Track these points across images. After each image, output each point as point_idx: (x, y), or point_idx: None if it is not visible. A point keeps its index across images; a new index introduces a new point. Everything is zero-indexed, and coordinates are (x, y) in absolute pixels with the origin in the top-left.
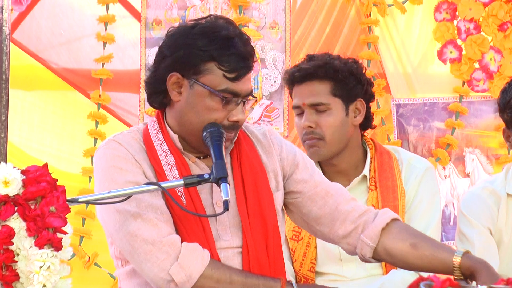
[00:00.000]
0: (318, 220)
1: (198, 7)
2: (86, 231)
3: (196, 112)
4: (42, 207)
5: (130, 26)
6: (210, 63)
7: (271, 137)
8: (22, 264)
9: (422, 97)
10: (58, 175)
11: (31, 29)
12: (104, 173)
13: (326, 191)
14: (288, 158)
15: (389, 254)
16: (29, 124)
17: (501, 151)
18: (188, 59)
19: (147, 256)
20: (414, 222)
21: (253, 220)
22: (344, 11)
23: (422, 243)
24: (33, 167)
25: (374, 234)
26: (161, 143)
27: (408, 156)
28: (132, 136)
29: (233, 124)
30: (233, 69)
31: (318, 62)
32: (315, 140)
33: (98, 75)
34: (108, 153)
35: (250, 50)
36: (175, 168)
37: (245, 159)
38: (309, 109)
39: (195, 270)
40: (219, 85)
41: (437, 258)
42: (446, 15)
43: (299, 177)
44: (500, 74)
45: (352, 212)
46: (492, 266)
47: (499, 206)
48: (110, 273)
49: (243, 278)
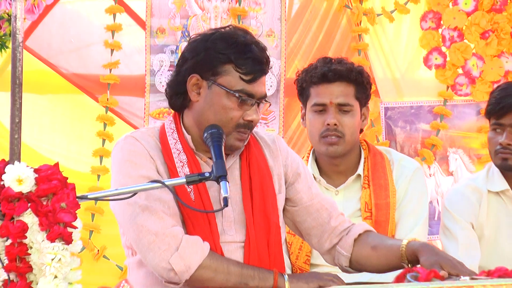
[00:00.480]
0: (309, 230)
1: (199, 16)
2: (95, 225)
3: (214, 111)
4: (54, 203)
5: (136, 34)
6: (227, 65)
7: (279, 143)
8: (35, 257)
9: (409, 100)
10: (68, 174)
11: (43, 37)
12: (120, 166)
13: (321, 205)
14: (292, 166)
15: (358, 262)
16: (40, 126)
17: (482, 151)
18: (207, 61)
19: (150, 246)
20: (404, 219)
21: (257, 217)
22: (336, 20)
23: (380, 244)
24: (45, 166)
25: (348, 244)
26: (175, 142)
27: (399, 157)
28: (149, 133)
29: (247, 124)
30: (249, 71)
31: (348, 66)
32: (336, 138)
33: (106, 80)
34: (125, 148)
35: (266, 57)
36: (186, 166)
37: (254, 161)
38: (335, 108)
39: (193, 261)
40: (236, 86)
41: (391, 252)
42: (431, 24)
43: (299, 187)
44: (482, 79)
45: (338, 227)
46: (436, 247)
47: (481, 202)
48: (118, 265)
49: (239, 268)
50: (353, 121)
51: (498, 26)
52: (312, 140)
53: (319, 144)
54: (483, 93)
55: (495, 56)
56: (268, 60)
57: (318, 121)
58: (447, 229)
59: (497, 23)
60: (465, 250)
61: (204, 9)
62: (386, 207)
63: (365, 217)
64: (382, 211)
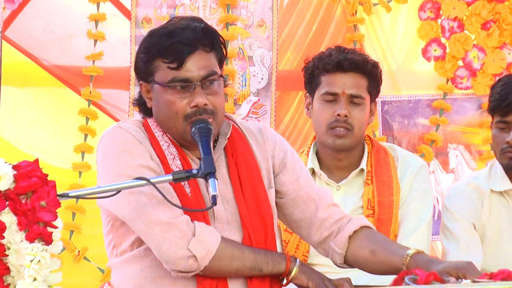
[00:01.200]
0: (298, 223)
1: (187, 6)
2: (76, 225)
3: (161, 110)
4: (33, 201)
5: (121, 24)
6: (156, 60)
7: (266, 133)
8: (13, 258)
9: (407, 94)
10: (49, 170)
11: (23, 27)
12: (115, 157)
13: (308, 196)
14: (278, 156)
15: (355, 262)
16: (20, 120)
17: (484, 147)
18: (140, 64)
19: (165, 235)
20: (407, 218)
21: (252, 216)
22: (331, 10)
23: (380, 249)
24: (24, 162)
25: (342, 242)
26: (162, 134)
27: (404, 153)
28: (136, 124)
29: (196, 111)
30: (175, 57)
31: (364, 56)
32: (345, 130)
33: (88, 72)
34: (117, 138)
35: (196, 35)
36: (177, 159)
37: (240, 156)
38: (346, 99)
39: (211, 244)
40: (168, 77)
41: (391, 262)
42: (430, 14)
43: (285, 178)
44: (483, 71)
45: (329, 219)
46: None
47: (483, 201)
48: (99, 267)
49: (253, 253)
50: (363, 114)
51: (499, 16)
52: (318, 130)
53: (326, 136)
54: (484, 86)
55: (496, 48)
56: (200, 37)
57: (327, 111)
58: (447, 229)
59: (498, 13)
60: (466, 251)
61: None
62: (389, 205)
63: (367, 214)
64: (385, 209)
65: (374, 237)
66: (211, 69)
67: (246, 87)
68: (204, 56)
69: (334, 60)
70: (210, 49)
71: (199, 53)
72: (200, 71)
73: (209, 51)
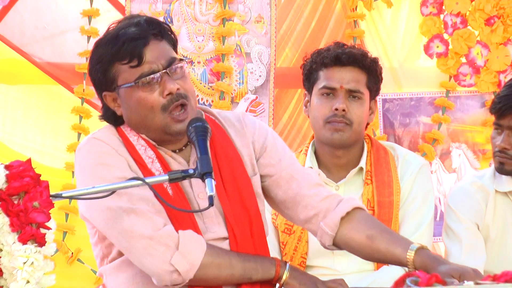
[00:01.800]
0: (283, 204)
1: (182, 1)
2: (69, 226)
3: (134, 112)
4: (26, 202)
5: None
6: (114, 65)
7: (244, 120)
8: (5, 260)
9: (409, 91)
10: (42, 170)
11: (15, 23)
12: (91, 171)
13: (291, 175)
14: (259, 141)
15: (346, 244)
16: (12, 118)
17: (487, 146)
18: (99, 75)
19: (147, 250)
20: (408, 219)
21: (235, 208)
22: (330, 5)
23: (378, 236)
24: (16, 162)
25: (333, 223)
26: (137, 138)
27: (404, 152)
28: (110, 132)
29: (171, 99)
30: (132, 56)
31: (363, 51)
32: (343, 124)
33: (81, 69)
34: (92, 150)
35: (142, 28)
36: (156, 161)
37: (219, 148)
38: (345, 94)
39: (196, 257)
40: (133, 77)
41: (391, 253)
42: (432, 9)
43: (266, 161)
44: (487, 68)
45: (314, 197)
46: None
47: (487, 202)
48: (93, 269)
49: (241, 261)
50: (362, 110)
51: (504, 11)
52: (316, 125)
53: (323, 130)
54: (488, 83)
55: (501, 44)
56: (146, 27)
57: (325, 106)
58: (450, 229)
59: (503, 8)
60: (469, 252)
61: None
62: (390, 206)
63: None
64: (385, 210)
65: (372, 221)
66: (170, 55)
67: (244, 84)
68: (158, 45)
69: (332, 54)
70: (161, 38)
71: (152, 44)
72: (160, 60)
73: (161, 39)
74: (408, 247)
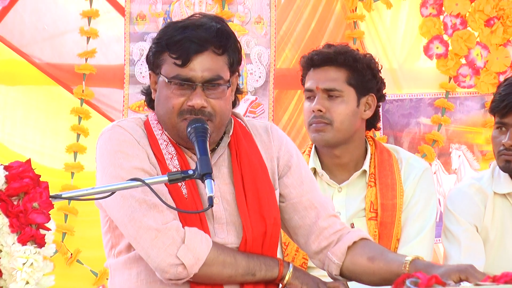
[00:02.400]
0: (296, 230)
1: (182, 2)
2: (68, 227)
3: (160, 104)
4: (25, 203)
5: (114, 21)
6: (164, 53)
7: (272, 133)
8: (5, 261)
9: (408, 93)
10: (41, 171)
11: (14, 24)
12: (110, 157)
13: (310, 202)
14: (284, 158)
15: (352, 272)
16: (12, 119)
17: (487, 147)
18: (151, 55)
19: (153, 242)
20: (410, 222)
21: (253, 218)
22: (330, 6)
23: (378, 256)
24: (16, 163)
25: (340, 252)
26: (161, 133)
27: (407, 156)
28: (136, 123)
29: (190, 109)
30: (181, 54)
31: (339, 49)
32: (322, 125)
33: (81, 70)
34: (114, 138)
35: (208, 35)
36: (175, 158)
37: (244, 155)
38: (322, 94)
39: (202, 252)
40: (171, 73)
41: (390, 270)
42: (432, 10)
43: (288, 182)
44: (486, 70)
45: (328, 228)
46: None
47: (486, 204)
48: (92, 270)
49: (246, 259)
50: (344, 107)
51: (503, 12)
52: (305, 128)
53: (309, 132)
54: (488, 84)
55: (500, 45)
56: (210, 38)
57: (308, 109)
58: (449, 231)
59: (502, 9)
60: (467, 254)
61: None
62: (393, 208)
63: (370, 217)
64: (388, 212)
65: (374, 246)
66: (217, 73)
67: (243, 85)
68: (212, 58)
69: (307, 57)
70: (221, 52)
71: (207, 54)
72: (204, 72)
73: (220, 54)
74: (402, 262)
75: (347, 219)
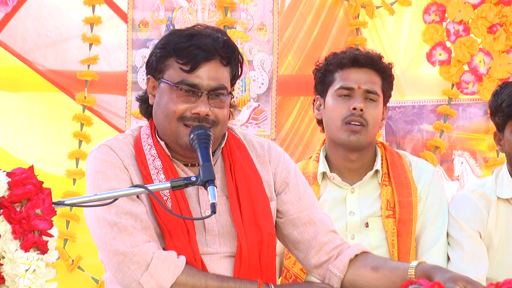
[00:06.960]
0: (296, 244)
1: (185, 9)
2: (70, 233)
3: (162, 108)
4: (28, 209)
5: (117, 28)
6: (170, 58)
7: (270, 149)
8: (8, 267)
9: (411, 99)
10: (44, 178)
11: (17, 31)
12: (91, 177)
13: (309, 218)
14: (281, 174)
15: (354, 283)
16: (14, 126)
17: (490, 154)
18: (153, 59)
19: (119, 266)
20: (426, 230)
21: (248, 228)
22: (333, 13)
23: (382, 265)
24: (18, 169)
25: (342, 264)
26: (150, 147)
27: (415, 159)
28: (125, 141)
29: (194, 117)
30: (189, 60)
31: (378, 55)
32: (360, 126)
33: (83, 77)
34: (98, 157)
35: (216, 45)
36: (161, 172)
37: (238, 166)
38: (362, 94)
39: (165, 279)
40: (177, 78)
41: (396, 275)
42: (435, 17)
43: (286, 198)
44: (489, 76)
45: (328, 243)
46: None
47: (489, 209)
48: (93, 277)
49: (219, 282)
50: (377, 112)
51: (506, 19)
52: (332, 127)
53: (341, 131)
54: (490, 91)
55: (503, 52)
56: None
57: (342, 106)
58: (452, 238)
59: (505, 16)
60: (470, 259)
61: (190, 0)
62: (409, 205)
63: (387, 215)
64: (406, 209)
65: (375, 257)
66: (222, 82)
67: (246, 92)
68: (218, 67)
69: (349, 56)
70: (226, 63)
71: (214, 63)
72: (210, 81)
73: (225, 65)
74: (407, 267)
75: (362, 219)
